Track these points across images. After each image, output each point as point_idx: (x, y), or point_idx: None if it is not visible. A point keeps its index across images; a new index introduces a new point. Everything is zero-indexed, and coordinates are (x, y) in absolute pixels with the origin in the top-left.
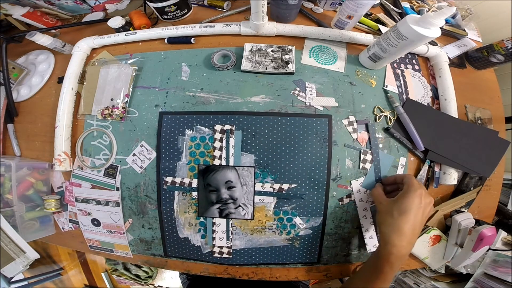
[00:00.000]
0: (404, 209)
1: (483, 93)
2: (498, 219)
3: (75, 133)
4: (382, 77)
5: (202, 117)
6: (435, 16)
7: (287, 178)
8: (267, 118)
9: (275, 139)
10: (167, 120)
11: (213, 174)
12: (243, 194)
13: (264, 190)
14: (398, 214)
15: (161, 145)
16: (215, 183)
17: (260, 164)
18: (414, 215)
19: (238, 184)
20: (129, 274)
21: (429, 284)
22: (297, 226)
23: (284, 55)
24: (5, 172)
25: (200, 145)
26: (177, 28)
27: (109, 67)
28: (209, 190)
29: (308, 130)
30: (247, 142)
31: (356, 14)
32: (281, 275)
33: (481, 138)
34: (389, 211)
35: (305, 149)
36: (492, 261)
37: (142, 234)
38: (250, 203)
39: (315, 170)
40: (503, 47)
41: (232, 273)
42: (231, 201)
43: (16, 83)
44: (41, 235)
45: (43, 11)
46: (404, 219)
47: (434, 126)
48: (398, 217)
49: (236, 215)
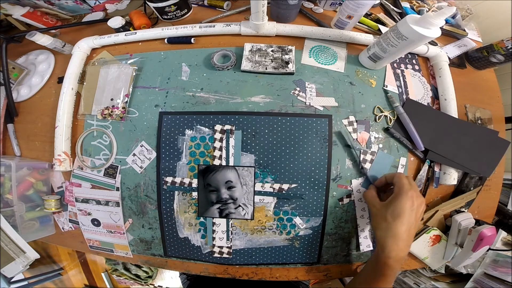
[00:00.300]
0: (397, 213)
1: (483, 93)
2: (498, 219)
3: (75, 133)
4: (382, 77)
5: (202, 117)
6: (435, 16)
7: (287, 178)
8: (267, 118)
9: (275, 139)
10: (167, 120)
11: (213, 174)
12: (243, 194)
13: (264, 190)
14: (392, 219)
15: (161, 145)
16: (215, 183)
17: (260, 164)
18: (407, 218)
19: (238, 184)
20: (129, 274)
21: (429, 284)
22: (297, 226)
23: (284, 55)
24: (5, 172)
25: (200, 145)
26: (177, 28)
27: (109, 67)
28: (209, 190)
29: (308, 130)
30: (247, 142)
31: (356, 14)
32: (281, 275)
33: (481, 138)
34: (383, 215)
35: (305, 149)
36: (492, 261)
37: (142, 234)
38: (250, 203)
39: (315, 170)
40: (503, 47)
41: (232, 273)
42: (231, 201)
43: (16, 83)
44: (41, 235)
45: (43, 11)
46: (398, 222)
47: (434, 126)
48: (392, 222)
49: (236, 215)
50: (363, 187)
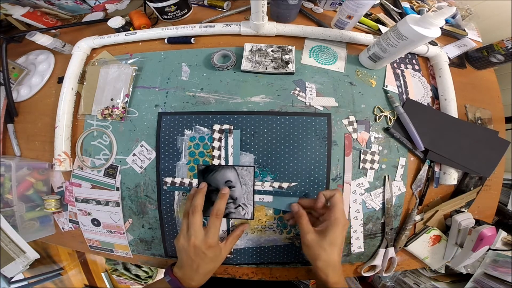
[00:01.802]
0: (334, 242)
1: (483, 93)
2: (498, 219)
3: (75, 133)
4: (382, 77)
5: (201, 117)
6: (435, 16)
7: (287, 177)
8: (266, 117)
9: (274, 138)
10: (166, 120)
11: (213, 174)
12: (242, 194)
13: (264, 189)
14: (330, 249)
15: (160, 146)
16: (214, 183)
17: (259, 164)
18: (341, 243)
19: (238, 184)
20: (129, 274)
21: (429, 284)
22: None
23: (284, 55)
24: (5, 172)
25: (199, 145)
26: (177, 28)
27: (109, 67)
28: (209, 190)
29: (307, 129)
30: (246, 141)
31: (356, 14)
32: (281, 275)
33: (481, 138)
34: (321, 246)
35: (304, 148)
36: (492, 261)
37: (142, 234)
38: (250, 203)
39: (315, 169)
40: (503, 47)
41: (232, 273)
42: (231, 200)
43: (16, 83)
44: (41, 235)
45: (43, 11)
46: (335, 251)
47: (434, 126)
48: (330, 252)
49: (236, 214)
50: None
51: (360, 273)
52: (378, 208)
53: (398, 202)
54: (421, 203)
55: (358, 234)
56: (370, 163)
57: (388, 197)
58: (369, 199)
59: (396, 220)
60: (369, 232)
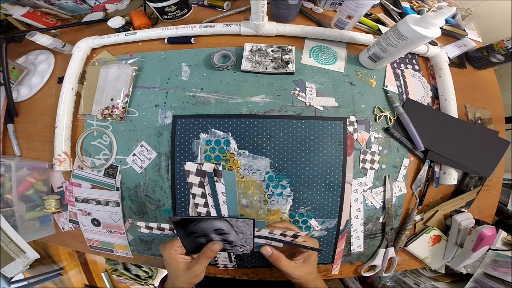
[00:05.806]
0: (316, 261)
1: (483, 93)
2: (498, 219)
3: (75, 133)
4: (382, 77)
5: (217, 120)
6: (435, 16)
7: (303, 181)
8: (281, 121)
9: (290, 142)
10: (181, 123)
11: (195, 224)
12: (239, 238)
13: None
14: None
15: (175, 149)
16: (201, 230)
17: (275, 168)
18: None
19: (232, 232)
20: (129, 274)
21: (429, 284)
22: (312, 227)
23: (284, 55)
24: (5, 172)
25: (215, 149)
26: (177, 28)
27: (109, 67)
28: (195, 236)
29: (323, 133)
30: (262, 145)
31: (356, 14)
32: (281, 275)
33: (481, 138)
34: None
35: (320, 152)
36: (492, 261)
37: (142, 234)
38: (249, 244)
39: (330, 172)
40: (503, 47)
41: (232, 273)
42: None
43: (16, 83)
44: (41, 235)
45: (43, 11)
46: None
47: (434, 126)
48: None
49: (234, 250)
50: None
51: (360, 273)
52: (378, 206)
53: (398, 203)
54: (421, 203)
55: (358, 234)
56: (370, 163)
57: (389, 197)
58: (370, 197)
59: (396, 220)
60: (369, 232)
